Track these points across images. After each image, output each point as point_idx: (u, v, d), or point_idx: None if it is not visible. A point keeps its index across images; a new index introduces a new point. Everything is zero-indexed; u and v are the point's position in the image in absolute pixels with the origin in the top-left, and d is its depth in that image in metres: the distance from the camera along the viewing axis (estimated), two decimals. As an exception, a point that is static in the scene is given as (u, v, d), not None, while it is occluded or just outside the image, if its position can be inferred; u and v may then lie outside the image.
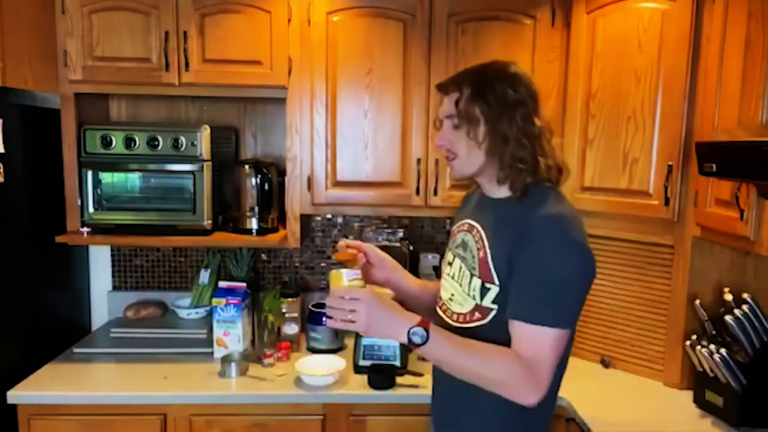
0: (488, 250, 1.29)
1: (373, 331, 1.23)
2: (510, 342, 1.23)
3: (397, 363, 2.06)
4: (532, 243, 1.21)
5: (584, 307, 2.20)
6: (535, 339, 1.19)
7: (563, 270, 1.20)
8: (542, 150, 1.29)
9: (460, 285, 1.36)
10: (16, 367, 2.01)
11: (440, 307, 1.44)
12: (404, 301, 1.47)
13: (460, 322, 1.33)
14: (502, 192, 1.34)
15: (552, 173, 1.33)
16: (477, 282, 1.30)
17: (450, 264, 1.43)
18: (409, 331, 1.19)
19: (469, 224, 1.39)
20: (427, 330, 1.19)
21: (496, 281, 1.26)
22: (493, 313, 1.27)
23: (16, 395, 1.89)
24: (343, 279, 1.28)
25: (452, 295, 1.39)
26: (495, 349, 1.22)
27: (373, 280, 1.51)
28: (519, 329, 1.22)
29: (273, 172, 2.28)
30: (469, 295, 1.32)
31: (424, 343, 1.19)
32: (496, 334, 1.25)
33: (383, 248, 2.24)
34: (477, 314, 1.30)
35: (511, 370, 1.19)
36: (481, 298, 1.29)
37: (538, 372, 1.19)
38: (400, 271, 1.56)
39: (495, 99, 1.27)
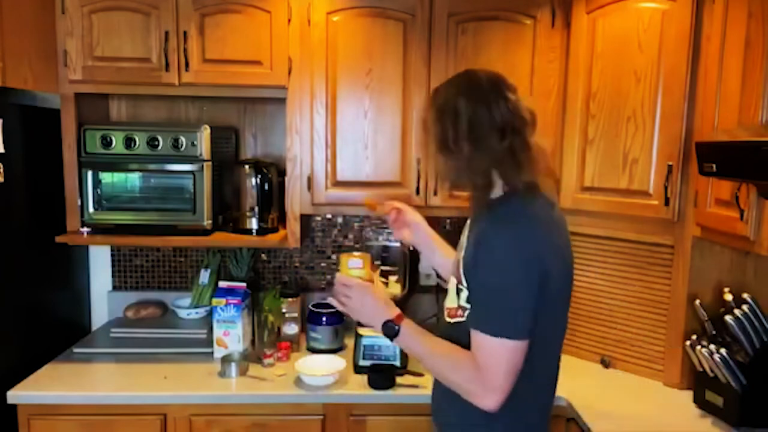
0: (462, 251, 1.35)
1: (357, 316, 1.41)
2: None
3: (397, 363, 2.06)
4: (479, 254, 1.25)
5: (584, 307, 2.22)
6: (485, 347, 1.24)
7: (502, 282, 1.23)
8: (505, 163, 1.28)
9: (449, 281, 1.44)
10: (16, 367, 2.01)
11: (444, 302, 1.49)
12: (437, 269, 1.70)
13: (449, 317, 1.40)
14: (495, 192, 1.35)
15: (523, 174, 1.30)
16: (453, 282, 1.39)
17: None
18: (384, 324, 1.35)
19: (467, 224, 1.46)
20: (398, 325, 1.34)
21: (464, 283, 1.31)
22: (468, 312, 1.32)
23: (16, 395, 1.89)
24: (347, 265, 1.47)
25: (449, 289, 1.45)
26: (457, 351, 1.29)
27: (403, 238, 1.69)
28: (473, 336, 1.27)
29: (273, 172, 2.28)
30: (453, 292, 1.39)
31: (394, 336, 1.34)
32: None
33: (383, 248, 2.26)
34: (459, 311, 1.35)
35: (465, 375, 1.26)
36: (458, 297, 1.35)
37: (489, 380, 1.23)
38: (436, 241, 1.67)
39: (442, 107, 1.31)
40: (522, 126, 1.28)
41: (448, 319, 1.40)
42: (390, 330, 1.35)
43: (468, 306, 1.31)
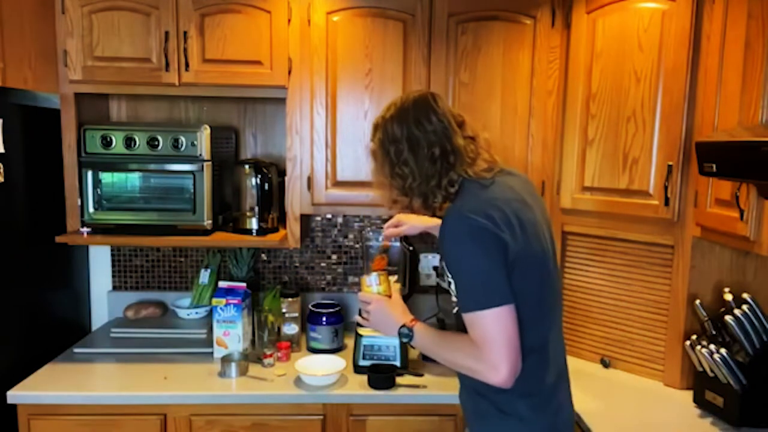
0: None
1: (380, 329, 1.54)
2: None
3: (397, 363, 2.06)
4: (442, 241, 1.35)
5: (584, 307, 2.22)
6: (475, 325, 1.30)
7: (461, 258, 1.32)
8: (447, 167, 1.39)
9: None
10: (16, 367, 2.01)
11: None
12: None
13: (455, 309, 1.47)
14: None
15: (462, 173, 1.40)
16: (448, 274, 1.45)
17: None
18: (399, 331, 1.46)
19: None
20: (411, 329, 1.45)
21: (449, 276, 1.41)
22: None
23: (16, 395, 1.89)
24: (365, 283, 1.57)
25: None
26: (459, 337, 1.37)
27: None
28: (465, 321, 1.34)
29: (273, 172, 2.28)
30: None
31: (410, 340, 1.45)
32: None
33: (383, 248, 2.25)
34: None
35: (470, 356, 1.32)
36: (449, 288, 1.45)
37: (487, 353, 1.28)
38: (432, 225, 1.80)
39: (386, 140, 1.43)
40: (452, 131, 1.40)
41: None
42: (406, 336, 1.45)
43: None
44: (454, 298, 1.46)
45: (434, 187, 1.39)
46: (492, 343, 1.27)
